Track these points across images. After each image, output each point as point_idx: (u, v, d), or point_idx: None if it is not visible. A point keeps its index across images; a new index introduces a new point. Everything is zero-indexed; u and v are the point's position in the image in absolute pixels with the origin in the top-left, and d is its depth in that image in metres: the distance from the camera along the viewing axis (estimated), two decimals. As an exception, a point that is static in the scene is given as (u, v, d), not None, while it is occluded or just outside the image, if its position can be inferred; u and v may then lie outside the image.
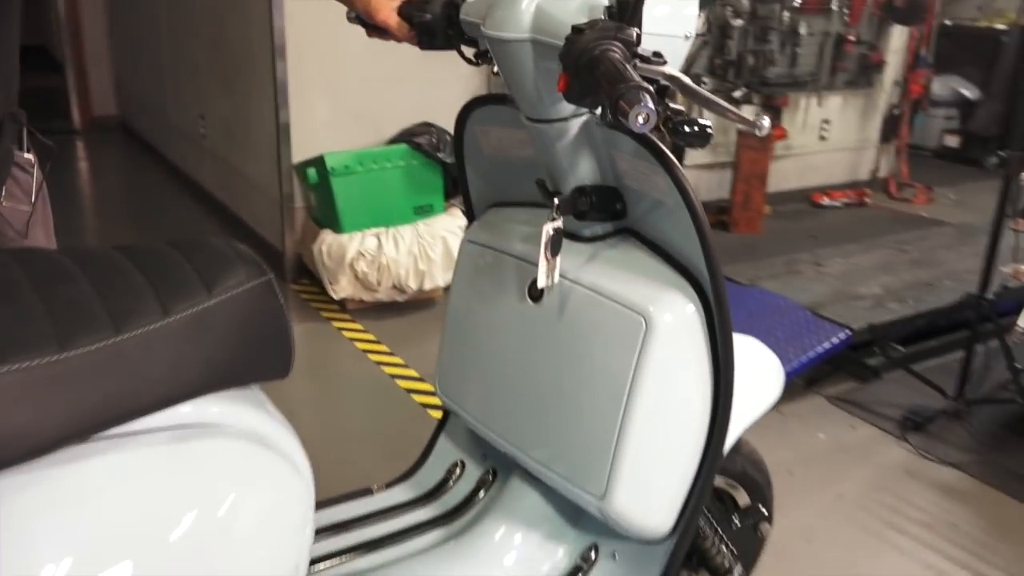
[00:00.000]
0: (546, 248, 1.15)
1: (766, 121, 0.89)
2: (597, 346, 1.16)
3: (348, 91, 3.61)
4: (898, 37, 5.35)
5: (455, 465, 1.52)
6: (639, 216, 1.20)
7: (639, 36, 0.95)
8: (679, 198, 1.05)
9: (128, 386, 0.76)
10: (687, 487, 1.18)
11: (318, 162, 3.34)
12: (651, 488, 1.17)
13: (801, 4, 4.82)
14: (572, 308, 1.19)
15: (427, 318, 3.37)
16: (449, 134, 3.63)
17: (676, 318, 1.11)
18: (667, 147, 1.06)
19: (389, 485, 1.52)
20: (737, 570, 1.49)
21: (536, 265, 1.22)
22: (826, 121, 5.26)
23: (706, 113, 0.94)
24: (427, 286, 3.36)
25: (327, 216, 3.39)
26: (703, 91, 0.93)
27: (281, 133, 3.51)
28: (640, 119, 0.82)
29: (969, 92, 6.42)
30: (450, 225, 3.45)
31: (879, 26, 5.26)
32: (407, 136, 3.53)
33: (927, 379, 2.81)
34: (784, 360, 1.54)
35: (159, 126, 5.48)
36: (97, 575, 0.73)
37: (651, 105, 0.82)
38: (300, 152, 3.55)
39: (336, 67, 3.56)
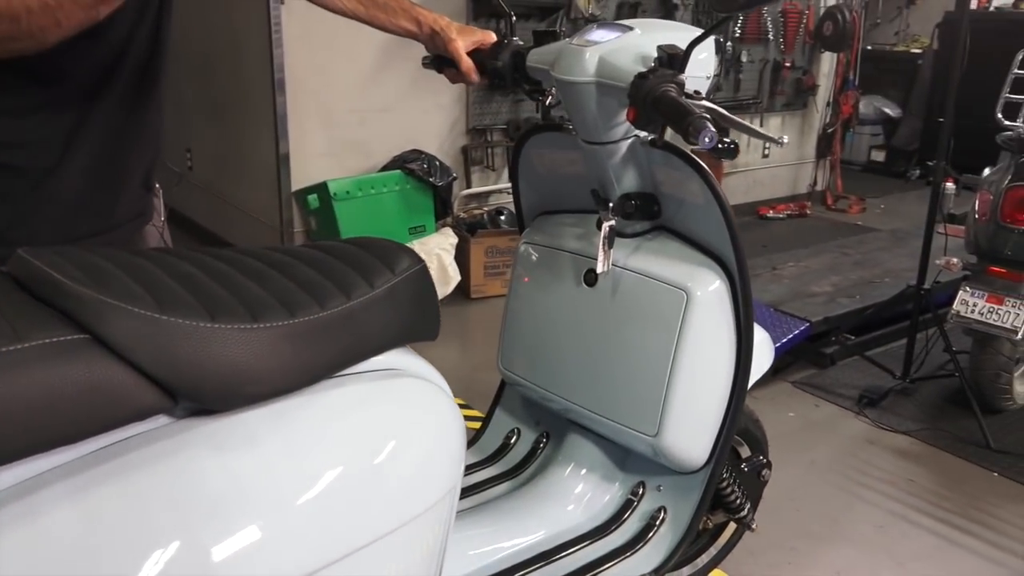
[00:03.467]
0: (604, 241, 1.47)
1: (785, 138, 1.23)
2: (646, 317, 1.48)
3: (342, 122, 3.89)
4: (828, 62, 5.87)
5: (512, 432, 1.81)
6: (671, 215, 1.53)
7: (685, 79, 1.28)
8: (711, 197, 1.39)
9: (354, 339, 1.04)
10: (719, 425, 1.51)
11: (320, 188, 3.61)
12: (693, 426, 1.49)
13: (742, 34, 5.29)
14: (623, 289, 1.51)
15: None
16: (437, 160, 3.94)
17: (709, 292, 1.44)
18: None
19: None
20: (747, 507, 1.82)
21: (589, 257, 1.55)
22: (768, 140, 5.72)
23: (732, 132, 1.28)
24: (424, 300, 3.63)
25: (329, 239, 3.66)
26: (734, 117, 1.27)
27: (281, 163, 3.77)
28: (707, 139, 1.14)
29: (891, 111, 7.02)
30: (442, 243, 3.75)
31: (811, 53, 5.78)
32: (400, 162, 3.82)
33: (878, 362, 3.21)
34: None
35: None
36: (336, 480, 1.00)
37: (713, 129, 1.15)
38: (299, 180, 3.82)
39: (330, 100, 3.84)
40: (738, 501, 1.77)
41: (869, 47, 6.84)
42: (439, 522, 1.13)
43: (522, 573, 1.45)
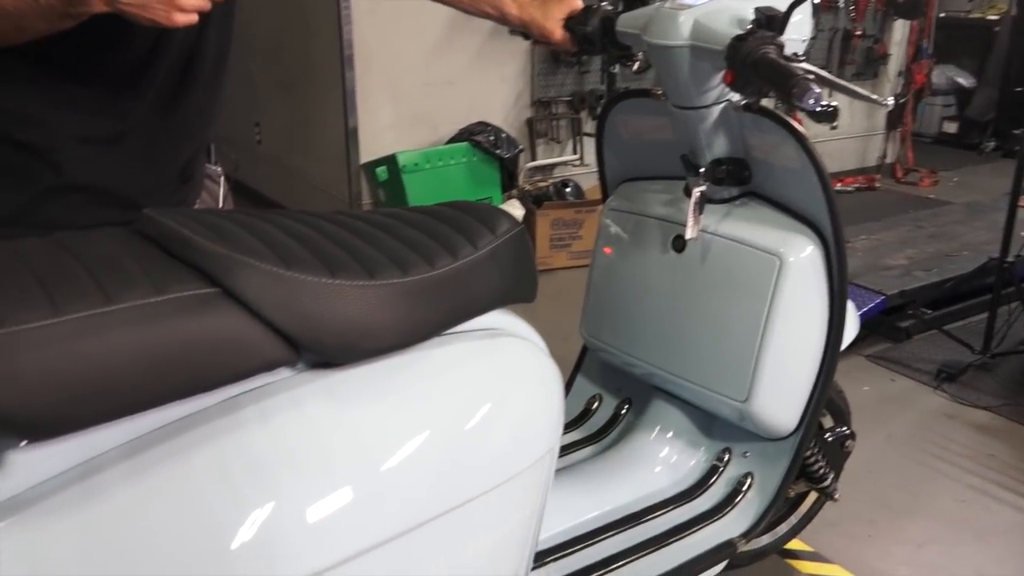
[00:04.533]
0: (694, 207, 1.47)
1: (891, 100, 1.21)
2: (736, 283, 1.48)
3: (409, 95, 3.93)
4: (900, 30, 5.69)
5: (593, 398, 1.83)
6: (762, 180, 1.51)
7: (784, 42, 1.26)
8: (807, 161, 1.37)
9: (462, 298, 1.06)
10: (809, 392, 1.50)
11: (389, 161, 3.65)
12: (783, 392, 1.48)
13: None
14: (713, 255, 1.51)
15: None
16: (503, 132, 3.95)
17: (802, 258, 1.43)
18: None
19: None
20: (830, 477, 1.81)
21: (677, 223, 1.55)
22: (837, 111, 5.59)
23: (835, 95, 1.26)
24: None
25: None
26: (836, 79, 1.25)
27: (350, 136, 3.82)
28: (811, 101, 1.13)
29: (964, 80, 6.78)
30: (509, 215, 3.76)
31: (883, 21, 5.60)
32: (467, 135, 3.84)
33: (956, 336, 3.14)
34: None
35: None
36: (443, 435, 1.03)
37: (817, 90, 1.13)
38: (367, 153, 3.87)
39: (398, 74, 3.88)
40: (821, 471, 1.76)
41: (943, 14, 6.61)
42: (538, 482, 1.16)
43: (610, 534, 1.47)
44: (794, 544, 2.05)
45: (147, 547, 0.80)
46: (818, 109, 1.14)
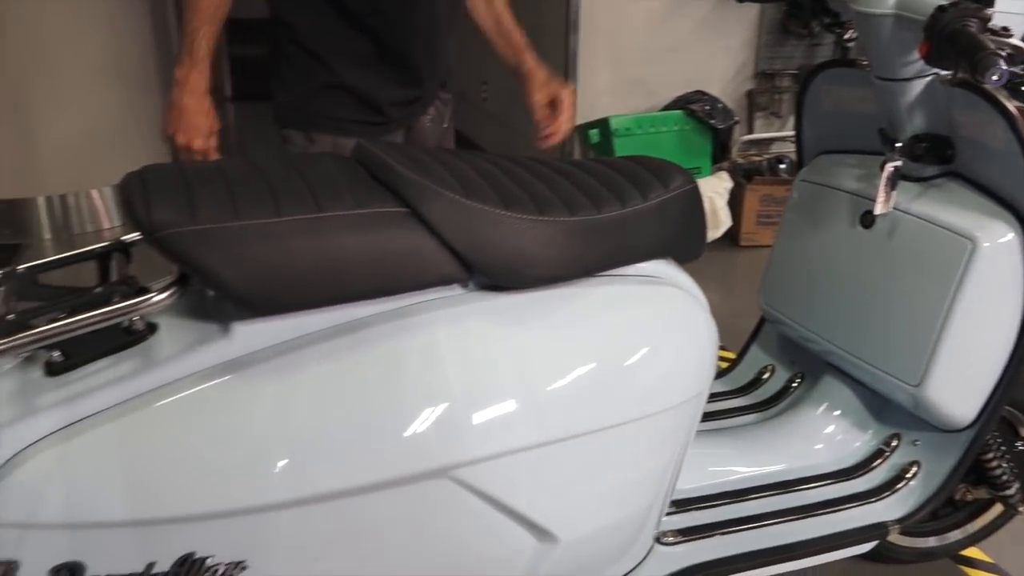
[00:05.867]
0: (886, 182, 1.43)
1: (1111, 80, 1.13)
2: (923, 264, 1.43)
3: (628, 61, 3.97)
4: None
5: (765, 368, 1.83)
6: (967, 161, 1.44)
7: (992, 14, 1.21)
8: (1016, 144, 1.30)
9: (624, 243, 1.15)
10: (992, 386, 1.43)
11: (602, 124, 3.74)
12: (961, 382, 1.43)
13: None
14: (901, 233, 1.47)
15: (689, 270, 3.67)
16: (720, 102, 3.90)
17: (1000, 244, 1.36)
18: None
19: (708, 380, 1.86)
20: (1015, 487, 1.70)
21: (868, 199, 1.52)
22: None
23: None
24: (691, 242, 3.66)
25: (605, 173, 3.79)
26: (1054, 56, 1.18)
27: (568, 98, 3.93)
28: (994, 77, 1.09)
29: None
30: (716, 186, 3.73)
31: None
32: (682, 103, 3.83)
33: None
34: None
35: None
36: (593, 363, 1.12)
37: (1004, 67, 1.09)
38: (582, 115, 3.97)
39: (620, 39, 3.93)
40: (1004, 478, 1.67)
41: None
42: (680, 425, 1.22)
43: (757, 496, 1.49)
44: (973, 552, 1.94)
45: (332, 413, 0.97)
46: (995, 85, 1.10)
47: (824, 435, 1.63)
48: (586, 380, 1.09)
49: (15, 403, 0.91)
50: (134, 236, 1.13)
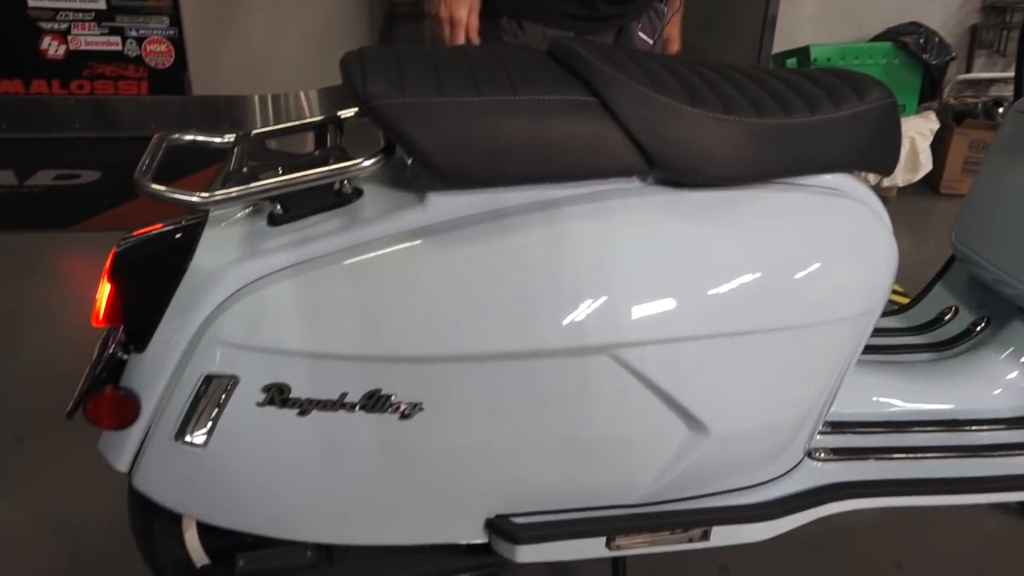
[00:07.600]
0: (1114, 114, 1.32)
1: None
2: None
3: (839, -12, 3.75)
4: None
5: (948, 308, 1.75)
6: None
7: None
8: None
9: (809, 151, 1.14)
10: None
11: (801, 53, 3.56)
12: None
13: None
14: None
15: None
16: (937, 36, 3.61)
17: None
18: None
19: (883, 315, 1.81)
20: None
21: (1091, 133, 1.40)
22: None
23: None
24: (885, 183, 3.46)
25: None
26: None
27: (767, 25, 3.78)
28: None
29: None
30: (920, 127, 3.48)
31: None
32: (894, 34, 3.58)
33: None
34: None
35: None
36: (766, 264, 1.13)
37: None
38: (781, 43, 3.80)
39: (832, -37, 3.71)
40: None
41: None
42: (845, 340, 1.21)
43: (920, 429, 1.46)
44: None
45: (509, 280, 1.05)
46: None
47: (1005, 380, 1.55)
48: (754, 281, 1.11)
49: (243, 245, 1.06)
50: (347, 112, 1.25)
